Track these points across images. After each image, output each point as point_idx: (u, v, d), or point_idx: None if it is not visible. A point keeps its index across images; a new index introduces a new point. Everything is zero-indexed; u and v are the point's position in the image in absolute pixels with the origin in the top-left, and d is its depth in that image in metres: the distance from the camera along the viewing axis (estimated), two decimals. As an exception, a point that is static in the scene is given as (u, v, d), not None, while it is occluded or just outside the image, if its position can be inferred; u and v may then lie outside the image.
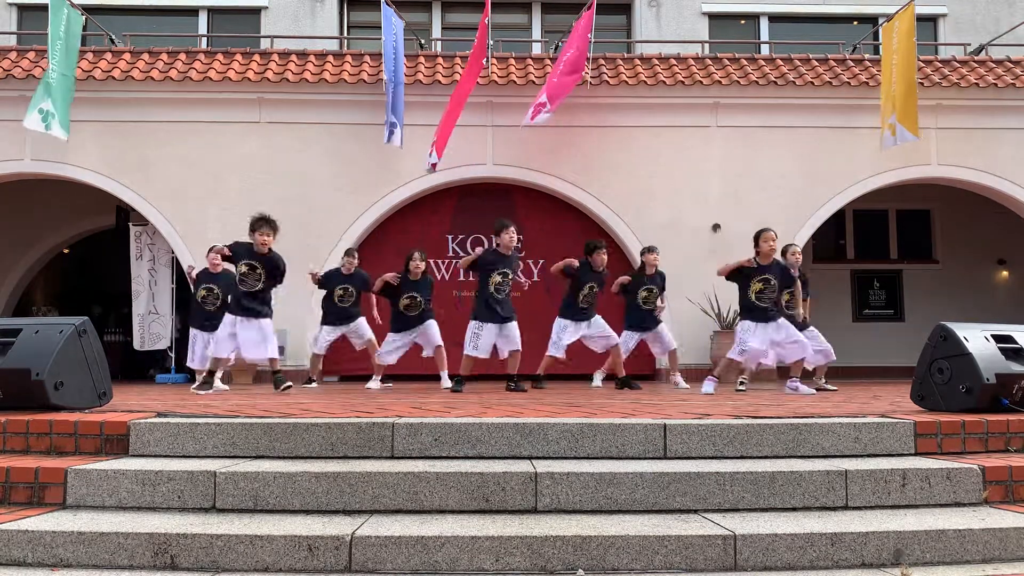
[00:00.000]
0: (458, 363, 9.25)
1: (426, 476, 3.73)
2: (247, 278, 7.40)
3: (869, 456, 4.20)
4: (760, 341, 7.19)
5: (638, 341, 8.81)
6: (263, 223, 7.38)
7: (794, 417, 4.49)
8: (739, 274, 7.34)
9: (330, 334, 8.89)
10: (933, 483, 3.83)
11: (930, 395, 4.94)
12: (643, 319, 8.69)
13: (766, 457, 4.16)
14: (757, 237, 7.30)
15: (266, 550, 3.30)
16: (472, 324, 7.88)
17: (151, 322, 11.85)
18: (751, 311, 7.26)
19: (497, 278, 7.78)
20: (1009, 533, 3.44)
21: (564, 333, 8.37)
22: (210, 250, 8.98)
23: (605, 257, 8.40)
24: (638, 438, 4.16)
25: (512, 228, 7.90)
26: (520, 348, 7.94)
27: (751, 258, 7.33)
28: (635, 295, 8.64)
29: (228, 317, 7.50)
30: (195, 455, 4.16)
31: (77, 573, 3.26)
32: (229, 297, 8.08)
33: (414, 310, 8.36)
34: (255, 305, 7.44)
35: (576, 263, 8.32)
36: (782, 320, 7.34)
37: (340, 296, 8.77)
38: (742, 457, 4.15)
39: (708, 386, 7.21)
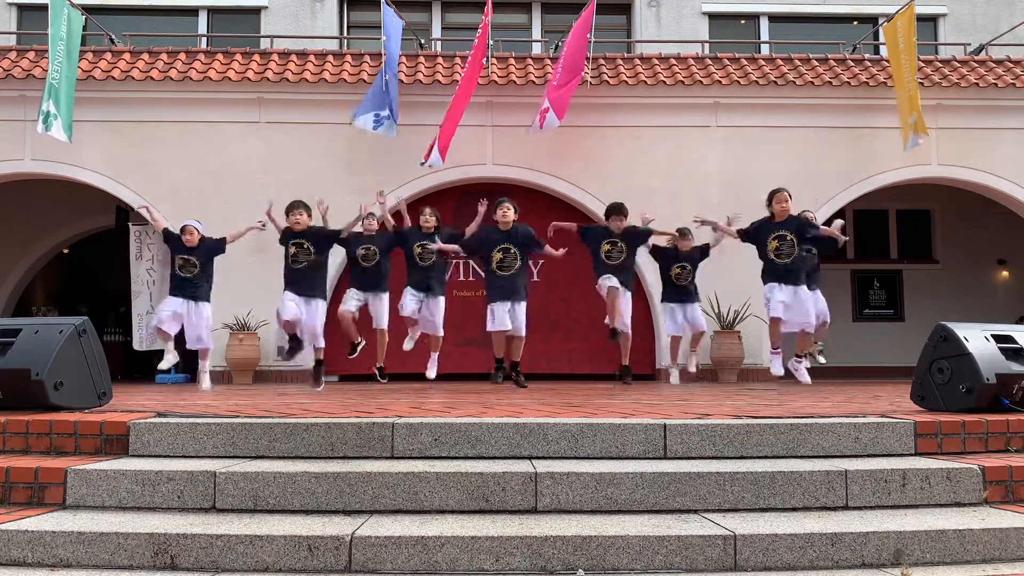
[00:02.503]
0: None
1: (426, 476, 3.73)
2: (297, 256, 7.59)
3: (869, 456, 4.20)
4: (782, 293, 7.15)
5: (682, 314, 8.86)
6: (296, 204, 7.66)
7: (794, 417, 4.49)
8: (756, 234, 7.29)
9: (355, 296, 8.53)
10: (933, 483, 3.83)
11: (930, 395, 4.93)
12: (678, 293, 8.84)
13: (766, 457, 4.16)
14: (771, 198, 7.28)
15: (266, 550, 3.30)
16: (487, 307, 7.83)
17: (150, 321, 11.85)
18: (771, 271, 7.23)
19: (498, 255, 7.65)
20: (1009, 533, 3.44)
21: (602, 289, 8.30)
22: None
23: (621, 223, 8.32)
24: (638, 438, 4.16)
25: (507, 204, 7.77)
26: (523, 335, 7.78)
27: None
28: (668, 271, 8.87)
29: (289, 294, 7.58)
30: (195, 455, 4.16)
31: (77, 573, 3.26)
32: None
33: (426, 259, 8.22)
34: (304, 284, 7.58)
35: (574, 225, 8.44)
36: (802, 286, 7.27)
37: (363, 256, 8.46)
38: (742, 457, 4.15)
39: (775, 365, 7.13)
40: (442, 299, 8.34)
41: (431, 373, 8.46)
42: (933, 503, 3.81)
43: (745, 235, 7.42)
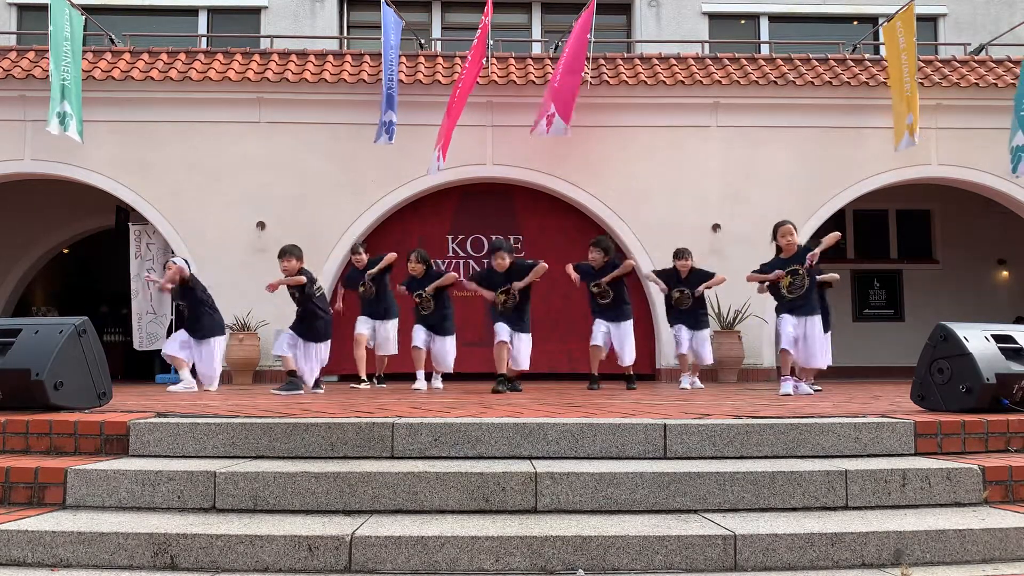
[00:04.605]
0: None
1: (426, 476, 3.73)
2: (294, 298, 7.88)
3: (869, 456, 4.20)
4: (795, 326, 7.04)
5: (690, 335, 8.75)
6: (281, 253, 7.81)
7: (794, 417, 4.48)
8: (770, 273, 7.22)
9: (363, 324, 8.62)
10: (933, 483, 3.83)
11: (930, 395, 4.93)
12: (682, 317, 8.75)
13: (766, 457, 4.16)
14: (775, 232, 7.16)
15: (266, 550, 3.30)
16: (495, 325, 7.93)
17: (149, 321, 11.86)
18: (783, 305, 7.12)
19: (500, 296, 7.76)
20: (1009, 533, 3.44)
21: (594, 326, 8.37)
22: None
23: (596, 255, 8.31)
24: (638, 438, 4.16)
25: (502, 253, 7.75)
26: (524, 368, 7.90)
27: (776, 272, 7.17)
28: (669, 296, 8.78)
29: (289, 333, 7.86)
30: (195, 455, 4.16)
31: (77, 573, 3.26)
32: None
33: (426, 308, 8.27)
34: (305, 327, 7.84)
35: (575, 275, 8.36)
36: (814, 319, 7.14)
37: (361, 292, 8.64)
38: (742, 457, 4.15)
39: (785, 386, 7.04)
40: (450, 339, 8.36)
41: (437, 383, 8.47)
42: (933, 503, 3.81)
43: (768, 285, 7.28)
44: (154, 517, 3.59)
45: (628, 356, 8.44)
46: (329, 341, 8.01)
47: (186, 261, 8.61)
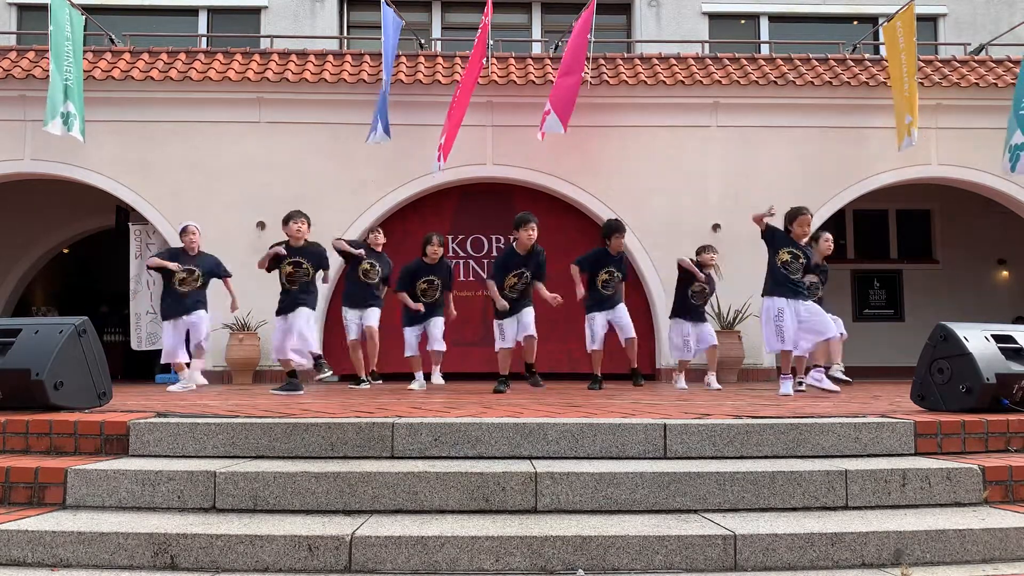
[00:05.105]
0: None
1: (426, 476, 3.73)
2: (294, 276, 7.50)
3: (869, 456, 4.20)
4: (789, 316, 6.66)
5: (690, 331, 8.79)
6: (295, 213, 7.57)
7: (794, 417, 4.49)
8: (772, 235, 6.83)
9: (354, 318, 8.42)
10: (933, 483, 3.83)
11: (930, 395, 4.94)
12: (691, 312, 8.74)
13: (766, 457, 4.16)
14: (792, 218, 6.74)
15: (266, 550, 3.30)
16: (495, 323, 7.83)
17: (149, 321, 11.85)
18: (776, 281, 6.73)
19: (512, 279, 7.66)
20: (1009, 533, 3.44)
21: (594, 325, 8.24)
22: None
23: (623, 241, 8.23)
24: (638, 438, 4.16)
25: (532, 224, 7.57)
26: (535, 334, 7.80)
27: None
28: (686, 289, 8.73)
29: (280, 327, 7.54)
30: (195, 455, 4.17)
31: (77, 573, 3.26)
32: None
33: (431, 295, 8.20)
34: (291, 300, 7.54)
35: (575, 267, 8.30)
36: (809, 303, 6.82)
37: (365, 271, 8.33)
38: (742, 457, 4.15)
39: (785, 386, 6.76)
40: (441, 319, 8.31)
41: (437, 379, 8.49)
42: (933, 503, 3.81)
43: (765, 231, 6.85)
44: (154, 517, 3.59)
45: (631, 329, 8.34)
46: (314, 312, 7.73)
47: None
